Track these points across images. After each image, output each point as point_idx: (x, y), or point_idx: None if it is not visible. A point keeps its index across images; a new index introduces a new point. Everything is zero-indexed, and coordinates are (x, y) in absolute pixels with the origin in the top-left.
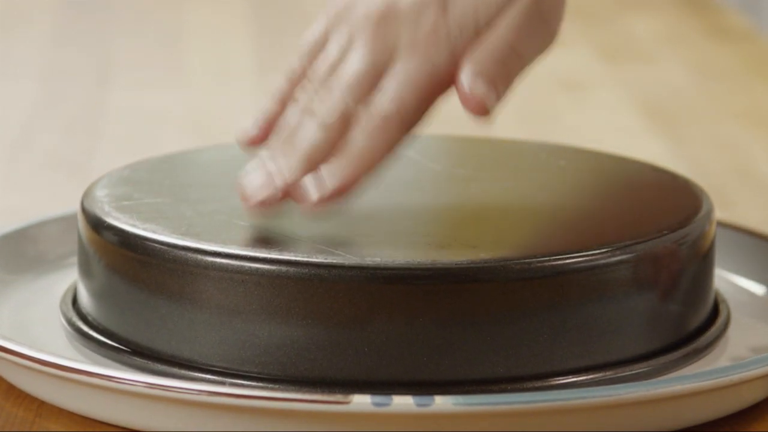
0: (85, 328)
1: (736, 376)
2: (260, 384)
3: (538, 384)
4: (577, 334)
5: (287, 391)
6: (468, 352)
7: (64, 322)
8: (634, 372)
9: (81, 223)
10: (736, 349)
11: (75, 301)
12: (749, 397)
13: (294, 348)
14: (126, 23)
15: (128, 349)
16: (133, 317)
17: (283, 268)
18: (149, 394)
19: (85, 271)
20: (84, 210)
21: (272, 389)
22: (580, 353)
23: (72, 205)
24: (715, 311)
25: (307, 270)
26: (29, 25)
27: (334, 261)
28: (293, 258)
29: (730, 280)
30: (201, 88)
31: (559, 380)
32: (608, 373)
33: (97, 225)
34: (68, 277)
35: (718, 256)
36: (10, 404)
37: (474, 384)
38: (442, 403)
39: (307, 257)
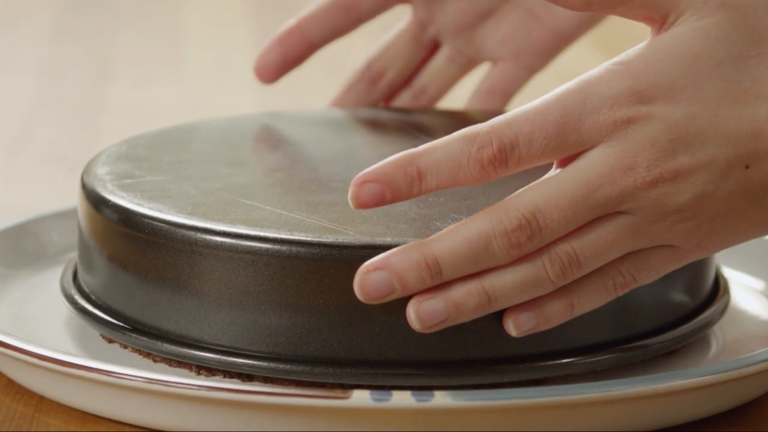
0: (89, 307)
1: (735, 372)
2: (270, 364)
3: (545, 363)
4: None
5: (287, 386)
6: (480, 331)
7: (65, 300)
8: (640, 348)
9: (82, 202)
10: (736, 345)
11: (75, 278)
12: (749, 392)
13: (304, 328)
14: (125, 19)
15: (132, 328)
16: (140, 297)
17: (293, 248)
18: (148, 390)
19: (88, 250)
20: (85, 188)
21: (280, 371)
22: (577, 333)
23: (71, 201)
24: (715, 288)
25: (317, 250)
26: (28, 20)
27: (345, 240)
28: (303, 238)
29: (728, 276)
30: (200, 83)
31: (560, 360)
32: (610, 353)
33: (100, 204)
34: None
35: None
36: (9, 399)
37: (485, 363)
38: (441, 398)
39: (318, 237)
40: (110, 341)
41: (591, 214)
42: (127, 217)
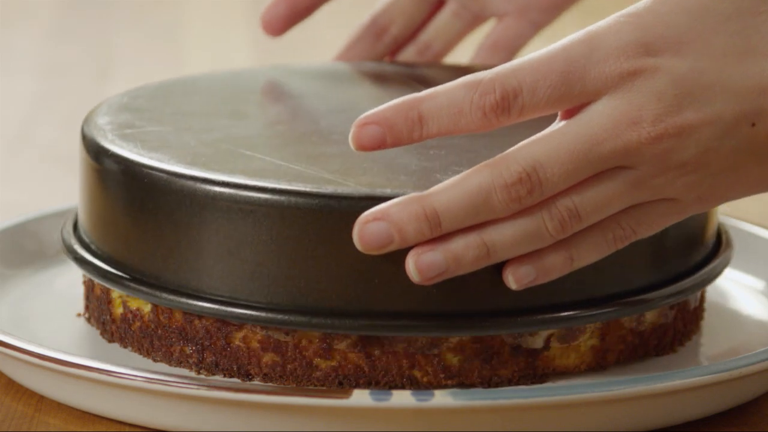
0: (88, 256)
1: (735, 372)
2: (268, 314)
3: (544, 316)
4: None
5: (287, 386)
6: (480, 284)
7: (65, 250)
8: (640, 302)
9: (83, 152)
10: (736, 345)
11: (75, 228)
12: (749, 392)
13: (302, 278)
14: (125, 18)
15: (131, 278)
16: (138, 246)
17: (292, 198)
18: (148, 389)
19: (88, 200)
20: (85, 138)
21: (278, 321)
22: (579, 286)
23: (71, 200)
24: (718, 244)
25: (316, 200)
26: (28, 20)
27: (344, 191)
28: (303, 188)
29: (729, 276)
30: None
31: (560, 314)
32: (611, 306)
33: (100, 153)
34: (68, 272)
35: None
36: (9, 398)
37: (484, 316)
38: (441, 398)
39: (317, 188)
40: (110, 341)
41: (592, 169)
42: (127, 167)
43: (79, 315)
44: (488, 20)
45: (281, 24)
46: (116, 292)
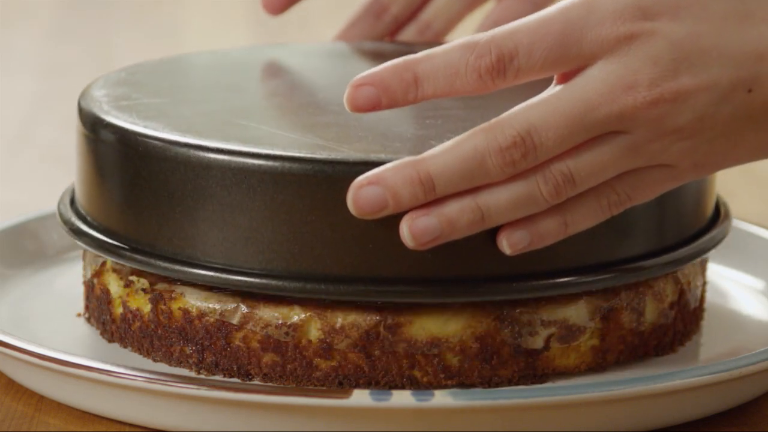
0: (84, 227)
1: (735, 372)
2: (262, 281)
3: (539, 282)
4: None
5: (287, 386)
6: (474, 249)
7: (61, 223)
8: (637, 269)
9: (79, 124)
10: (736, 345)
11: (73, 203)
12: (749, 392)
13: (297, 244)
14: (125, 18)
15: (128, 247)
16: (134, 216)
17: (286, 164)
18: (148, 389)
19: (84, 172)
20: (82, 109)
21: (273, 288)
22: (576, 253)
23: None
24: (716, 215)
25: (310, 166)
26: (28, 20)
27: (338, 157)
28: (297, 154)
29: (729, 275)
30: None
31: (555, 280)
32: (608, 273)
33: (96, 124)
34: (68, 272)
35: (718, 252)
36: (9, 399)
37: (479, 281)
38: (441, 398)
39: (311, 153)
40: (110, 341)
41: (587, 134)
42: (122, 136)
43: (79, 315)
44: (489, 0)
45: (281, 3)
46: (116, 292)
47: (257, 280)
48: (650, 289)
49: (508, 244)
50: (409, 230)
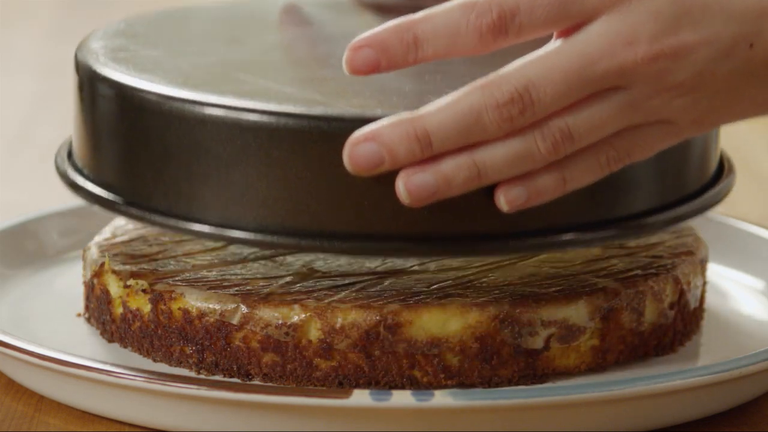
0: (81, 181)
1: (735, 372)
2: (257, 236)
3: (537, 240)
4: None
5: (287, 386)
6: (472, 206)
7: (59, 176)
8: (638, 226)
9: (75, 76)
10: (736, 345)
11: (70, 156)
12: (749, 393)
13: (292, 200)
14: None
15: (123, 201)
16: (129, 170)
17: (281, 119)
18: (148, 389)
19: (80, 125)
20: (78, 61)
21: (268, 243)
22: (576, 210)
23: (71, 201)
24: (720, 171)
25: (306, 121)
26: (28, 20)
27: (333, 112)
28: (292, 110)
29: (729, 275)
30: None
31: (555, 237)
32: (610, 230)
33: (91, 76)
34: (68, 272)
35: (718, 252)
36: (9, 398)
37: (476, 239)
38: (441, 398)
39: (307, 109)
40: (110, 341)
41: (586, 89)
42: (117, 89)
43: (79, 315)
44: None
45: None
46: (116, 293)
47: (252, 236)
48: (650, 289)
49: (505, 200)
50: (405, 187)
